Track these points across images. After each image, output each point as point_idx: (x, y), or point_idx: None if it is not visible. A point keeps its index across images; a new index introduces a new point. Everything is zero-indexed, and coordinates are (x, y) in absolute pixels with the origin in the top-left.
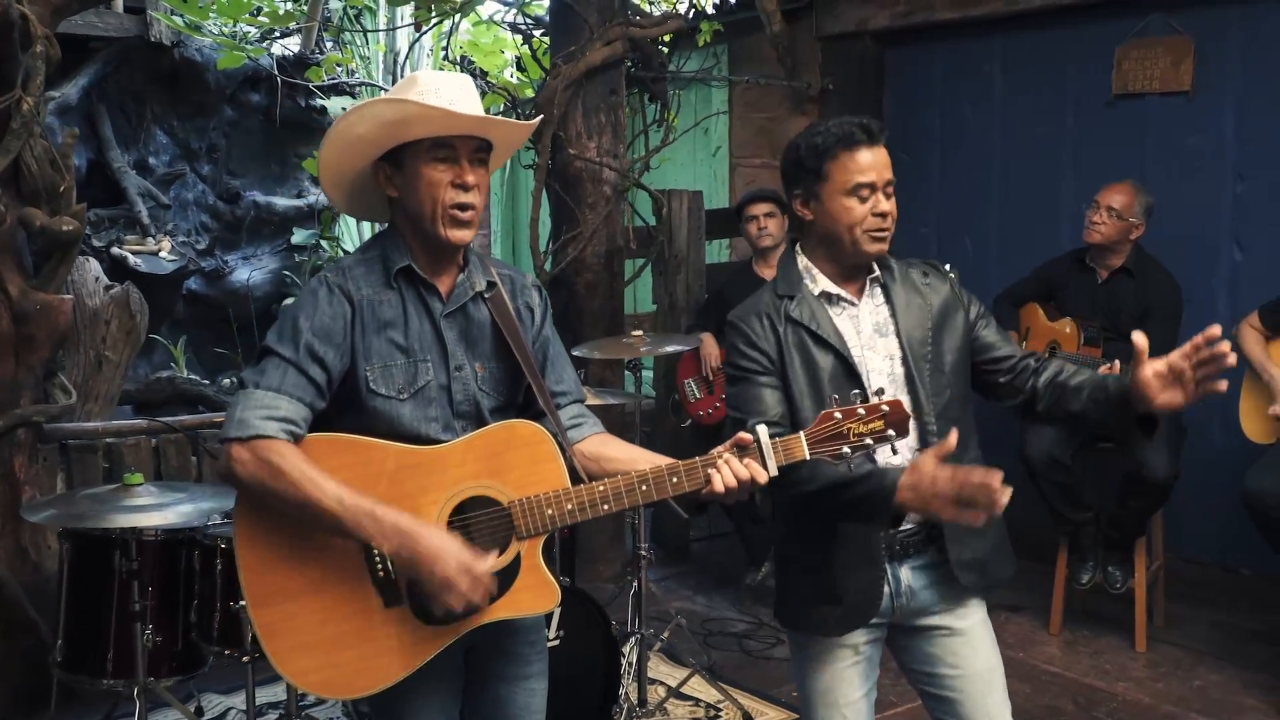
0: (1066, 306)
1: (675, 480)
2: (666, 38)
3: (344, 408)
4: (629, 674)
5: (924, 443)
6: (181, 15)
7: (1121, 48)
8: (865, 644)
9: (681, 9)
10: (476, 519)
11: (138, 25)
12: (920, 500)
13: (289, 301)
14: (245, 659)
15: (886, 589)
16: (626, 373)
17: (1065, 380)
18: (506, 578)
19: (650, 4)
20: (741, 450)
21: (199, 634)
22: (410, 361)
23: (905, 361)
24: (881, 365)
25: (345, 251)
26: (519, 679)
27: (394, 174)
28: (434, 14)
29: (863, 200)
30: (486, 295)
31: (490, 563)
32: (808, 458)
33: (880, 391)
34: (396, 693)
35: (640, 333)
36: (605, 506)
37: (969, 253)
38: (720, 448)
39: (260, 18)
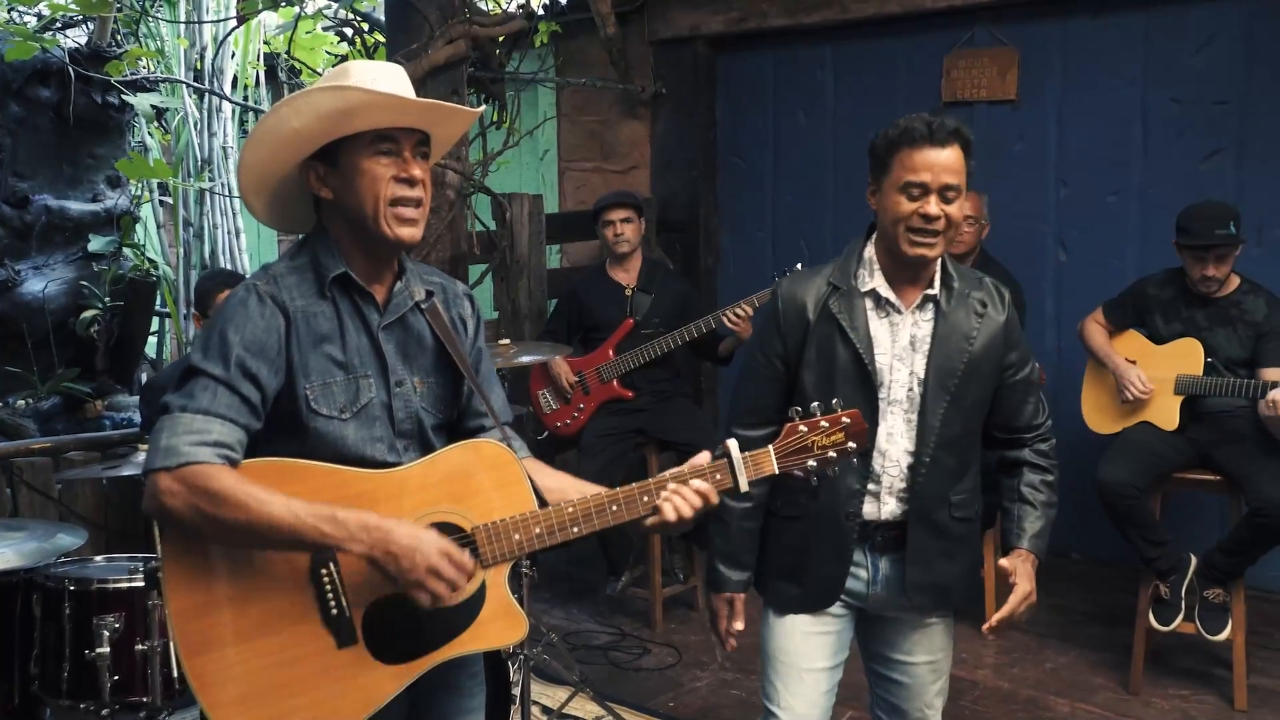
0: None
1: (645, 499)
2: (500, 39)
3: (280, 430)
4: (516, 698)
5: (914, 472)
6: None
7: (949, 57)
8: (833, 618)
9: (511, 9)
10: None
11: None
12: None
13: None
14: (105, 711)
15: (865, 574)
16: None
17: (1008, 486)
18: (472, 609)
19: (484, 4)
20: (702, 469)
21: (42, 687)
22: (350, 378)
23: (924, 390)
24: (904, 380)
25: (150, 260)
26: (461, 712)
27: (328, 173)
28: (261, 5)
29: (912, 199)
30: (424, 306)
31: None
32: (776, 472)
33: (839, 403)
34: None
35: (508, 341)
36: (575, 529)
37: (805, 256)
38: (679, 469)
39: (70, 5)
